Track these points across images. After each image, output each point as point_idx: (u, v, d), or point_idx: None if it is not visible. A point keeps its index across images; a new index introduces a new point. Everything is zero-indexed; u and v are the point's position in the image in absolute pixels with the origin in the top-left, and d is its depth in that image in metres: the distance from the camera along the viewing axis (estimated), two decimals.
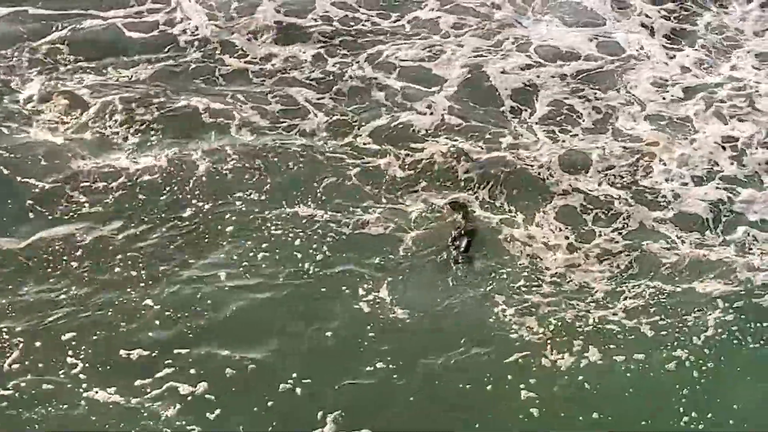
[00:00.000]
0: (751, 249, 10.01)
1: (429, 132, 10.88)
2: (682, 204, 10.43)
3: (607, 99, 11.60)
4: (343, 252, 9.48)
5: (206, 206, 9.83)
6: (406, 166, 10.43)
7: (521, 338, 8.92)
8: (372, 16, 12.47)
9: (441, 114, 11.10)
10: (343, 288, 9.18)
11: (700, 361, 8.88)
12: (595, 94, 11.71)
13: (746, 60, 12.38)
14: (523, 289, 9.36)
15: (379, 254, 9.49)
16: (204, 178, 10.15)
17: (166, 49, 11.78)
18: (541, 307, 9.23)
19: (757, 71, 12.17)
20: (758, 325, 9.25)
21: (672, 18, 12.93)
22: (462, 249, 9.65)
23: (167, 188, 10.03)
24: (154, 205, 9.86)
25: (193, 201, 9.93)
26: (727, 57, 12.44)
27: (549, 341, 8.90)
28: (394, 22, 12.42)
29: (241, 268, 9.29)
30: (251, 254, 9.40)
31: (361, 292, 9.16)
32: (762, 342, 9.13)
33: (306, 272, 9.28)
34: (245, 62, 11.70)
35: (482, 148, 10.69)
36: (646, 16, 12.91)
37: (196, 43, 11.91)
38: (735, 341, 9.12)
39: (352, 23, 12.36)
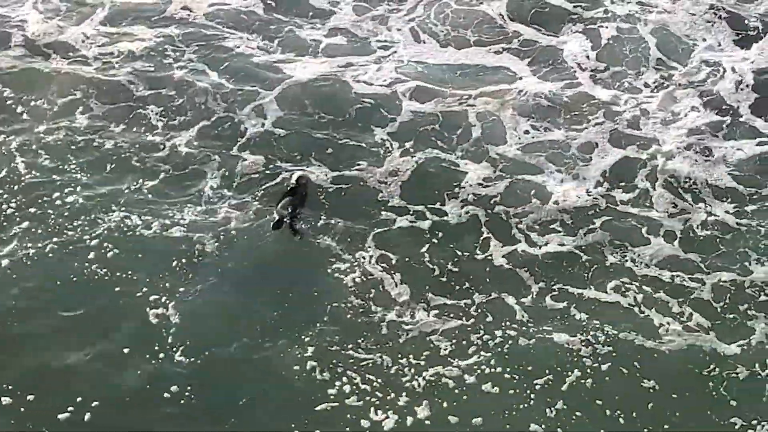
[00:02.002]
0: (624, 293, 8.42)
1: (255, 139, 9.99)
2: (551, 242, 8.82)
3: (484, 117, 10.18)
4: (139, 254, 8.76)
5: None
6: (222, 173, 9.59)
7: (340, 394, 7.60)
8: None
9: (270, 119, 10.20)
10: (134, 295, 8.44)
11: None
12: (469, 106, 10.21)
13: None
14: (347, 336, 8.05)
15: (179, 258, 8.73)
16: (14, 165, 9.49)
17: None
18: (366, 359, 7.87)
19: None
20: (631, 411, 7.51)
21: None
22: (293, 220, 8.90)
23: None
24: None
25: None
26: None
27: (372, 399, 7.56)
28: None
29: (23, 260, 8.60)
30: (35, 248, 8.69)
31: (151, 298, 8.43)
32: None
33: (95, 274, 8.59)
34: (71, 63, 10.77)
35: (309, 161, 9.71)
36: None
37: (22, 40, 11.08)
38: (597, 419, 7.37)
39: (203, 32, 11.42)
